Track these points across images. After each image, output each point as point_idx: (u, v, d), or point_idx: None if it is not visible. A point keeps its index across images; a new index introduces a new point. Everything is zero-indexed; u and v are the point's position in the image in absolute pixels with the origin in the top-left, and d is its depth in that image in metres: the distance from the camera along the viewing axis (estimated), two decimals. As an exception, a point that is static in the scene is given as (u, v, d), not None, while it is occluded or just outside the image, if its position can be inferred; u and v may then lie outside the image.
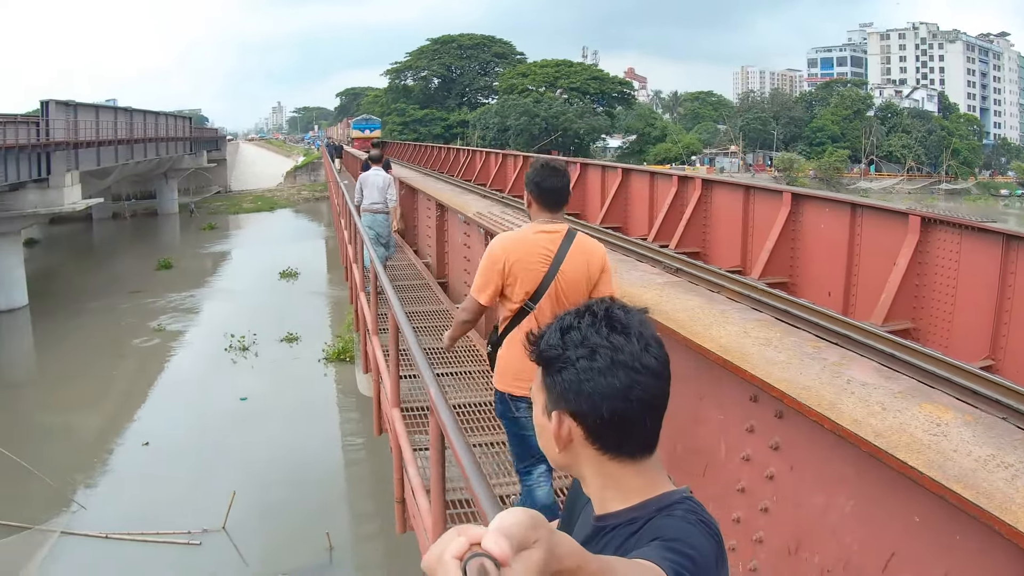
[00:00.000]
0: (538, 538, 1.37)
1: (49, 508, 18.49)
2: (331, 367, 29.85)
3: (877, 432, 4.28)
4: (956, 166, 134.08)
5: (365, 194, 17.07)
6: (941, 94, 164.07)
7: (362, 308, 12.94)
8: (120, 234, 69.09)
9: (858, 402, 4.73)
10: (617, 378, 2.05)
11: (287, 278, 47.20)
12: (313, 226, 77.04)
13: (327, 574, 16.49)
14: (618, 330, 2.09)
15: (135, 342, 34.19)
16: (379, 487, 19.94)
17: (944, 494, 3.70)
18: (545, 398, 2.14)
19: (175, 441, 22.83)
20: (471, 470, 3.66)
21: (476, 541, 1.32)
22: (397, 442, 7.59)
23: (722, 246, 18.62)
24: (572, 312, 2.17)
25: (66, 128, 44.39)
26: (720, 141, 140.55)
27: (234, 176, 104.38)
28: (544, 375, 2.14)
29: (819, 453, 4.92)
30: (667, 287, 8.24)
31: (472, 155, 44.42)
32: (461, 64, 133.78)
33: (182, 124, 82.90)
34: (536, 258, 5.84)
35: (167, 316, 38.81)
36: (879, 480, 4.35)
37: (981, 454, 3.99)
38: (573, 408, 2.08)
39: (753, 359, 5.55)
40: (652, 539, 1.98)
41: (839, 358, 5.59)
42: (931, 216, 13.08)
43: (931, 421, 4.42)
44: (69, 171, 43.64)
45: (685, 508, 2.08)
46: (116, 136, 55.49)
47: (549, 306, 5.76)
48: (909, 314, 13.13)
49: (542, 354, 2.14)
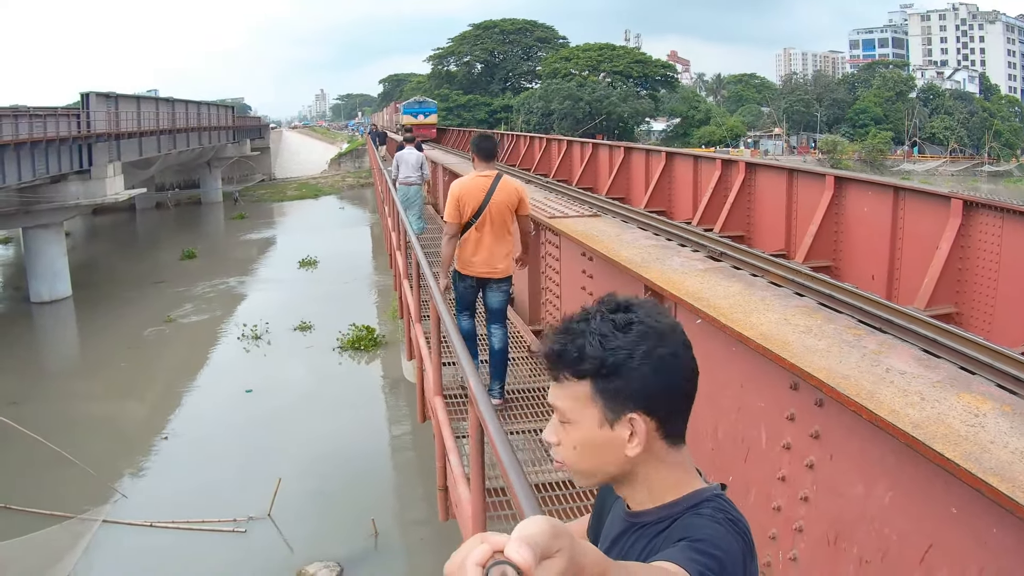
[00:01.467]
0: (561, 547, 1.38)
1: (91, 498, 18.58)
2: (375, 354, 30.09)
3: (915, 423, 4.27)
4: (998, 148, 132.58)
5: (401, 170, 20.74)
6: (982, 75, 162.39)
7: (405, 295, 12.97)
8: (163, 224, 69.34)
9: (897, 391, 4.72)
10: (687, 357, 2.10)
11: (307, 267, 47.63)
12: (358, 213, 77.10)
13: (373, 560, 16.53)
14: (658, 313, 2.12)
15: (168, 331, 34.53)
16: (425, 473, 19.98)
17: (980, 487, 3.69)
18: (602, 409, 2.08)
19: (216, 430, 23.12)
20: (508, 461, 3.70)
21: (499, 548, 1.34)
22: (439, 430, 7.63)
23: (766, 230, 18.56)
24: (602, 312, 2.10)
25: (107, 119, 44.74)
26: (764, 124, 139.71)
27: (278, 164, 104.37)
28: (602, 384, 2.06)
29: (858, 442, 4.91)
30: (707, 273, 8.21)
31: (516, 140, 44.44)
32: (504, 49, 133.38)
33: (224, 113, 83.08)
34: (477, 192, 9.66)
35: (193, 304, 39.33)
36: (917, 471, 4.34)
37: (1019, 446, 3.98)
38: (645, 404, 2.06)
39: (793, 347, 5.55)
40: (679, 539, 1.99)
41: (878, 346, 5.57)
42: (973, 200, 13.00)
43: (969, 412, 4.41)
44: (111, 162, 44.03)
45: (714, 507, 2.08)
46: (158, 126, 55.87)
47: (486, 219, 9.62)
48: (952, 298, 13.07)
49: (606, 361, 2.05)
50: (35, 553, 16.33)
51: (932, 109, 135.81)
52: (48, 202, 39.05)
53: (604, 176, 28.37)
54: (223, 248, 56.87)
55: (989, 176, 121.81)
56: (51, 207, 39.23)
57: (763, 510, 5.97)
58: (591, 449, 2.11)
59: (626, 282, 8.90)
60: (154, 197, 74.73)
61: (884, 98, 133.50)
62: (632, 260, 8.87)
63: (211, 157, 79.19)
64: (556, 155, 34.77)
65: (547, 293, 13.54)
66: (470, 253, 9.72)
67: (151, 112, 55.22)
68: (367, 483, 19.67)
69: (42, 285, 39.05)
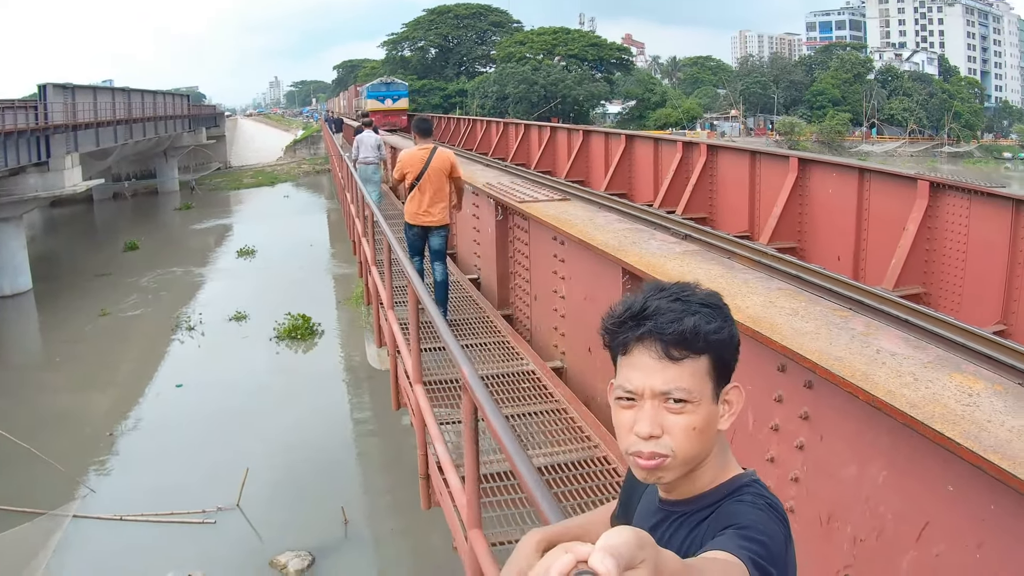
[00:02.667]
0: (645, 557, 1.38)
1: (60, 493, 18.46)
2: (312, 343, 30.43)
3: (911, 403, 4.31)
4: (958, 129, 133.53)
5: (360, 151, 22.60)
6: (941, 57, 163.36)
7: (375, 281, 12.94)
8: (121, 214, 68.63)
9: (890, 373, 4.75)
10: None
11: (245, 256, 47.62)
12: (314, 199, 76.78)
13: (344, 548, 16.54)
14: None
15: (134, 324, 34.25)
16: (391, 460, 20.00)
17: (982, 465, 3.74)
18: (714, 384, 2.11)
19: (177, 423, 22.92)
20: (511, 444, 3.72)
21: (583, 559, 1.32)
22: (422, 419, 7.58)
23: (729, 211, 18.66)
24: (686, 290, 2.16)
25: (64, 111, 44.36)
26: (720, 106, 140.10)
27: (234, 152, 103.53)
28: (718, 358, 2.11)
29: (851, 423, 4.95)
30: (686, 256, 8.22)
31: (473, 124, 44.45)
32: (458, 34, 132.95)
33: (180, 102, 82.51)
34: (417, 161, 12.39)
35: (138, 296, 38.97)
36: (912, 450, 4.39)
37: (1015, 424, 4.03)
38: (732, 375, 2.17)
39: (783, 329, 5.58)
40: (724, 526, 2.01)
41: (866, 327, 5.60)
42: (941, 181, 13.10)
43: (963, 391, 4.46)
44: (69, 153, 43.59)
45: (753, 492, 2.12)
46: (115, 116, 55.40)
47: (426, 182, 12.32)
48: (919, 279, 13.18)
49: (733, 336, 2.15)
50: (7, 551, 16.23)
51: (891, 91, 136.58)
52: (7, 195, 38.63)
53: (563, 160, 28.47)
54: (171, 239, 56.16)
55: (949, 157, 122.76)
56: (10, 200, 38.79)
57: (751, 491, 5.96)
58: (709, 429, 2.12)
59: (602, 266, 8.91)
60: (111, 188, 73.95)
61: (842, 80, 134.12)
62: (608, 244, 8.86)
63: (167, 146, 78.39)
64: (514, 139, 34.83)
65: (516, 278, 13.52)
66: (415, 208, 12.52)
67: (107, 102, 54.74)
68: (334, 472, 19.64)
69: (3, 279, 38.61)
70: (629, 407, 2.10)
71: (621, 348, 2.14)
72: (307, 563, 15.77)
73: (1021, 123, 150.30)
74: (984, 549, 4.03)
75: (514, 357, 11.16)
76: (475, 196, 15.60)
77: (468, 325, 12.72)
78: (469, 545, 5.16)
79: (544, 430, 8.80)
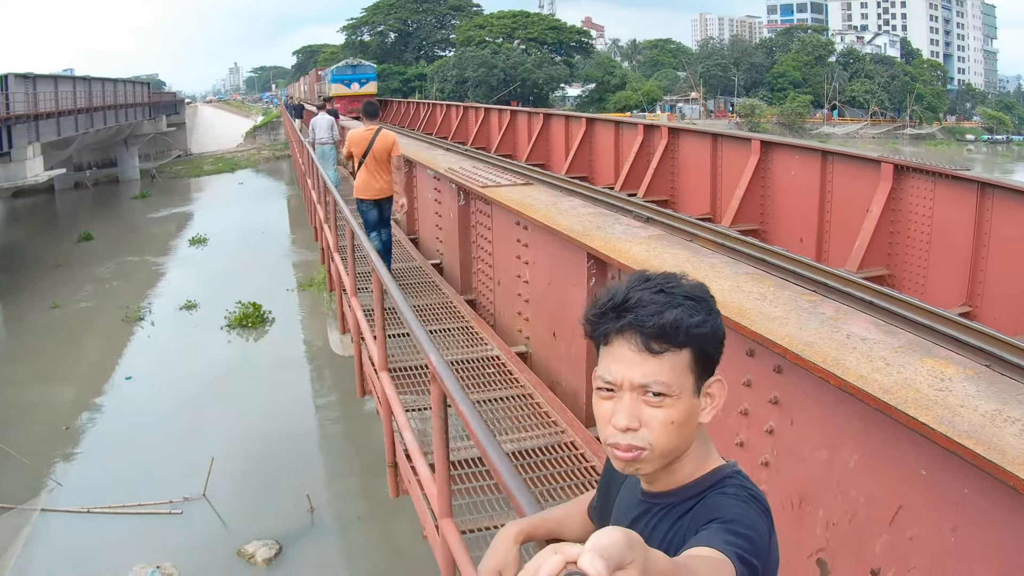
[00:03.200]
0: (634, 558, 1.36)
1: (26, 487, 18.34)
2: (264, 330, 30.40)
3: (884, 388, 4.30)
4: (920, 111, 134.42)
5: (316, 133, 24.40)
6: (903, 40, 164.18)
7: (338, 268, 12.88)
8: (82, 204, 67.92)
9: (861, 357, 4.74)
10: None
11: (197, 244, 47.37)
12: (274, 185, 76.34)
13: (310, 535, 16.50)
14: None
15: (86, 316, 33.85)
16: (355, 447, 19.98)
17: (956, 450, 3.73)
18: (695, 377, 2.09)
19: (152, 412, 22.71)
20: (481, 432, 3.69)
21: (572, 560, 1.31)
22: (388, 407, 7.52)
23: (691, 194, 18.67)
24: (668, 281, 2.10)
25: (26, 101, 43.94)
26: (680, 88, 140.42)
27: (194, 139, 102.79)
28: (700, 352, 2.08)
29: (821, 408, 4.94)
30: (652, 241, 8.20)
31: (432, 109, 44.29)
32: (417, 18, 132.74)
33: (140, 90, 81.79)
34: (363, 140, 13.51)
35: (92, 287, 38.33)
36: (885, 434, 4.38)
37: (988, 409, 4.02)
38: (715, 368, 2.13)
39: (752, 315, 5.56)
40: (708, 520, 2.00)
41: (835, 312, 5.60)
42: (904, 164, 13.14)
43: (935, 376, 4.45)
44: (31, 143, 43.40)
45: (736, 484, 2.11)
46: (76, 105, 54.90)
47: (371, 159, 13.48)
48: (883, 261, 13.22)
49: (718, 329, 2.11)
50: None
51: (852, 73, 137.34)
52: (-32, 188, 38.40)
53: (523, 143, 28.44)
54: (127, 228, 55.32)
55: (911, 139, 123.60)
56: (-29, 192, 38.59)
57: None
58: (689, 422, 2.10)
59: (567, 251, 8.88)
60: (72, 177, 73.20)
61: (803, 62, 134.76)
62: (573, 228, 8.83)
63: (128, 135, 77.71)
64: (474, 123, 34.76)
65: (479, 263, 13.51)
66: (364, 183, 13.78)
67: (68, 91, 54.27)
68: (299, 459, 19.60)
69: (-33, 271, 38.12)
70: (609, 398, 2.09)
71: (603, 339, 2.11)
72: (274, 552, 15.73)
73: (984, 105, 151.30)
74: (958, 532, 4.04)
75: (478, 342, 11.10)
76: (437, 181, 15.58)
77: (431, 310, 12.62)
78: (441, 535, 5.12)
79: (510, 415, 8.77)
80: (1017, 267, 11.29)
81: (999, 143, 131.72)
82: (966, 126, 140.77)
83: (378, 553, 16.45)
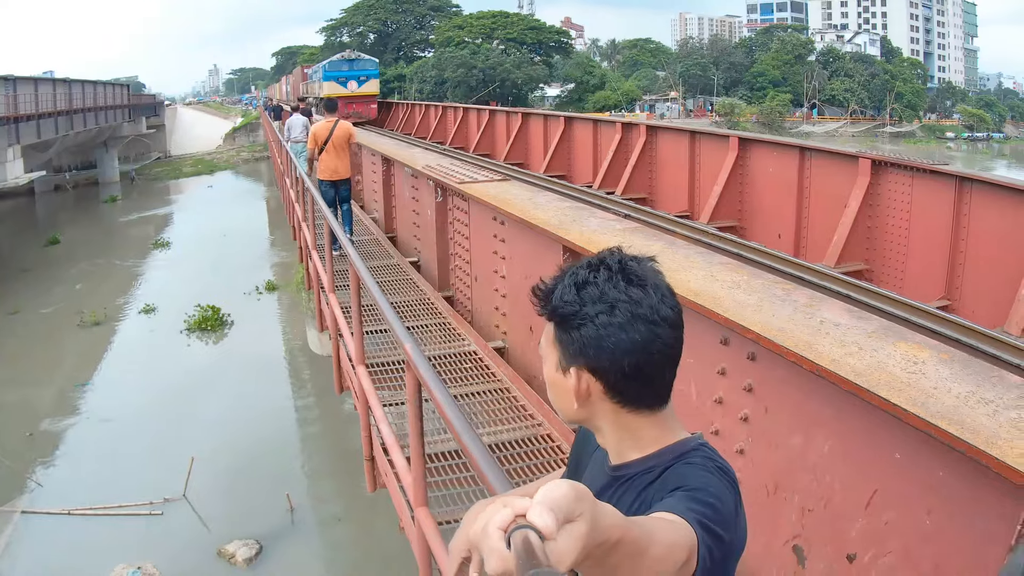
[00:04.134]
0: (582, 511, 1.38)
1: (6, 489, 18.34)
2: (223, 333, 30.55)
3: (856, 372, 4.29)
4: (900, 109, 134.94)
5: (292, 133, 25.05)
6: (884, 38, 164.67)
7: (316, 265, 12.84)
8: (63, 207, 67.55)
9: (834, 343, 4.73)
10: (638, 332, 2.03)
11: (159, 247, 47.53)
12: (253, 186, 76.28)
13: (290, 535, 16.53)
14: (635, 283, 2.07)
15: (48, 321, 33.36)
16: (333, 444, 19.99)
17: (929, 430, 3.72)
18: (559, 354, 2.12)
19: (125, 415, 22.69)
20: (457, 419, 3.69)
21: (521, 513, 1.33)
22: (365, 401, 7.51)
23: (669, 191, 18.71)
24: (585, 266, 2.12)
25: (6, 103, 43.93)
26: (660, 88, 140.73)
27: (173, 141, 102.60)
28: (558, 331, 2.11)
29: (795, 394, 4.93)
30: (627, 233, 8.18)
31: (411, 109, 44.32)
32: (396, 19, 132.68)
33: (120, 92, 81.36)
34: (324, 131, 16.11)
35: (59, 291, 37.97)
36: (859, 419, 4.37)
37: (961, 391, 4.02)
38: (592, 364, 2.07)
39: (724, 302, 5.54)
40: (674, 488, 1.99)
41: (809, 299, 5.57)
42: (882, 159, 13.18)
43: (908, 359, 4.44)
44: (11, 146, 43.34)
45: (702, 455, 2.10)
46: (56, 108, 54.74)
47: (331, 146, 16.18)
48: (862, 255, 13.25)
49: (556, 310, 2.09)
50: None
51: (832, 72, 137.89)
52: (-51, 189, 38.28)
53: (502, 142, 28.52)
54: (99, 232, 55.09)
55: (891, 137, 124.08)
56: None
57: (697, 464, 5.96)
58: (552, 387, 2.18)
59: (543, 245, 8.86)
60: (52, 180, 72.92)
61: (782, 61, 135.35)
62: (549, 222, 8.81)
63: (108, 137, 77.35)
64: (452, 123, 34.83)
65: (456, 259, 13.48)
66: (325, 166, 16.53)
67: (48, 94, 53.99)
68: (278, 458, 19.65)
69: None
70: None
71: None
72: (255, 551, 15.78)
73: (964, 103, 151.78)
74: (934, 515, 4.03)
75: (456, 338, 11.11)
76: (415, 179, 15.56)
77: (409, 307, 12.61)
78: (417, 524, 5.13)
79: (487, 409, 8.78)
80: (995, 261, 11.32)
81: (979, 140, 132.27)
82: (946, 124, 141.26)
83: (357, 550, 16.45)
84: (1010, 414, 3.70)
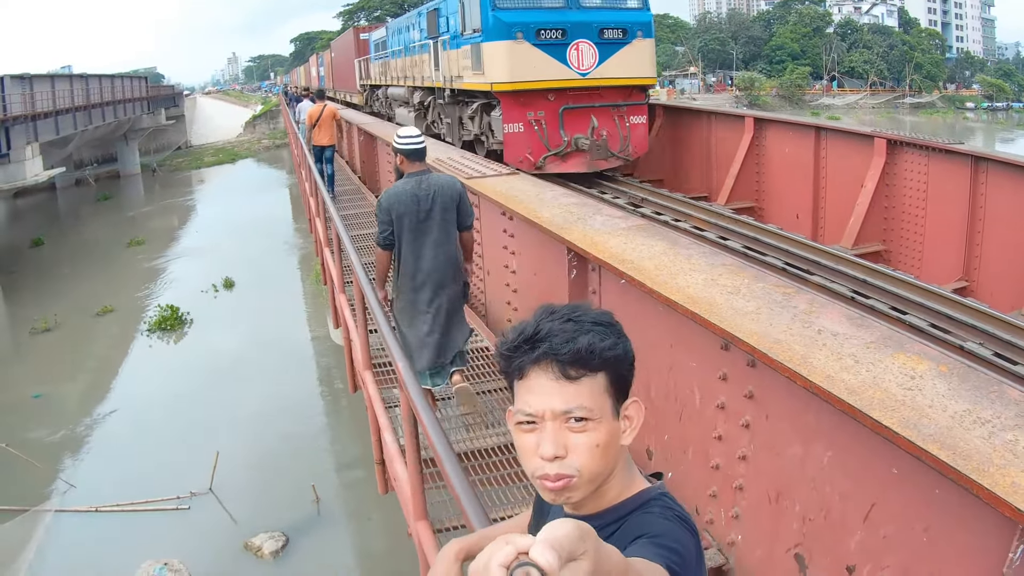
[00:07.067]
0: (586, 550, 1.38)
1: (40, 490, 18.55)
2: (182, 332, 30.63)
3: (850, 388, 4.22)
4: (919, 80, 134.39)
5: (301, 116, 28.24)
6: (901, 9, 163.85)
7: (327, 263, 12.85)
8: (84, 201, 67.56)
9: (830, 355, 4.65)
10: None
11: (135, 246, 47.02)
12: (275, 174, 76.56)
13: (317, 527, 16.62)
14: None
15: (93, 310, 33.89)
16: (357, 437, 20.03)
17: (920, 455, 3.66)
18: (613, 400, 2.15)
19: (151, 410, 22.91)
20: (436, 437, 3.65)
21: (524, 551, 1.32)
22: (372, 407, 7.51)
23: (686, 173, 18.65)
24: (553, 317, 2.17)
25: (23, 101, 44.23)
26: (679, 63, 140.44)
27: (194, 131, 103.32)
28: (614, 373, 2.14)
29: (793, 404, 4.88)
30: (631, 232, 8.09)
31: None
32: (414, 1, 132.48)
33: (138, 84, 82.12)
34: (316, 112, 22.93)
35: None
36: (856, 432, 4.31)
37: (957, 409, 3.93)
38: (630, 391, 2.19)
39: (722, 310, 5.47)
40: (636, 536, 2.03)
41: (808, 305, 5.47)
42: (897, 138, 13.11)
43: (905, 373, 4.35)
44: (29, 144, 43.72)
45: (662, 505, 2.15)
46: (73, 103, 55.16)
47: (321, 122, 22.88)
48: (879, 236, 13.20)
49: (628, 351, 2.19)
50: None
51: (850, 44, 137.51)
52: (-33, 190, 38.51)
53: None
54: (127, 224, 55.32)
55: (911, 108, 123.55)
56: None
57: (702, 468, 5.98)
58: (612, 445, 2.15)
59: (550, 243, 8.81)
60: (73, 175, 73.06)
61: (801, 34, 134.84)
62: (553, 221, 8.73)
63: (127, 129, 77.67)
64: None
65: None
66: (317, 136, 22.67)
67: (65, 90, 54.52)
68: (303, 451, 19.79)
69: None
70: (531, 431, 2.12)
71: (517, 373, 2.16)
72: (281, 544, 15.91)
73: (983, 73, 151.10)
74: (931, 532, 3.99)
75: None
76: (430, 166, 15.53)
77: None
78: (416, 536, 5.19)
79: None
80: (1013, 241, 11.25)
81: (999, 110, 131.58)
82: (965, 94, 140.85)
83: (384, 542, 16.48)
84: (1006, 436, 3.62)
